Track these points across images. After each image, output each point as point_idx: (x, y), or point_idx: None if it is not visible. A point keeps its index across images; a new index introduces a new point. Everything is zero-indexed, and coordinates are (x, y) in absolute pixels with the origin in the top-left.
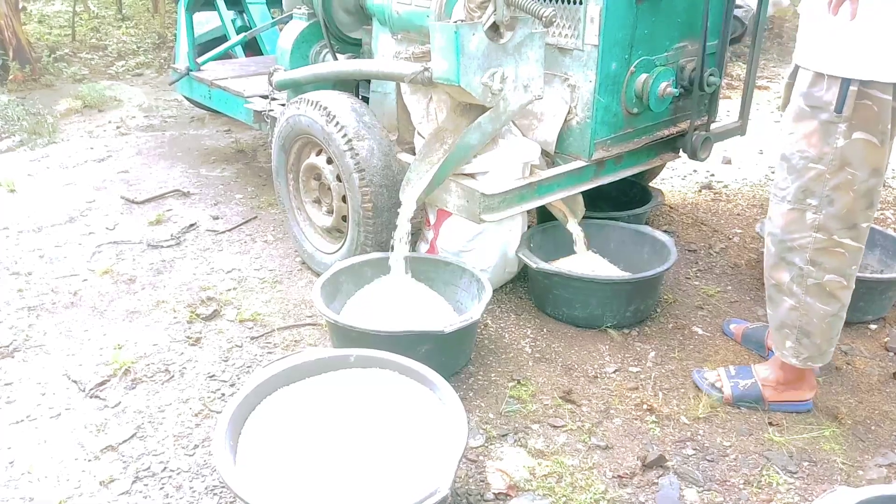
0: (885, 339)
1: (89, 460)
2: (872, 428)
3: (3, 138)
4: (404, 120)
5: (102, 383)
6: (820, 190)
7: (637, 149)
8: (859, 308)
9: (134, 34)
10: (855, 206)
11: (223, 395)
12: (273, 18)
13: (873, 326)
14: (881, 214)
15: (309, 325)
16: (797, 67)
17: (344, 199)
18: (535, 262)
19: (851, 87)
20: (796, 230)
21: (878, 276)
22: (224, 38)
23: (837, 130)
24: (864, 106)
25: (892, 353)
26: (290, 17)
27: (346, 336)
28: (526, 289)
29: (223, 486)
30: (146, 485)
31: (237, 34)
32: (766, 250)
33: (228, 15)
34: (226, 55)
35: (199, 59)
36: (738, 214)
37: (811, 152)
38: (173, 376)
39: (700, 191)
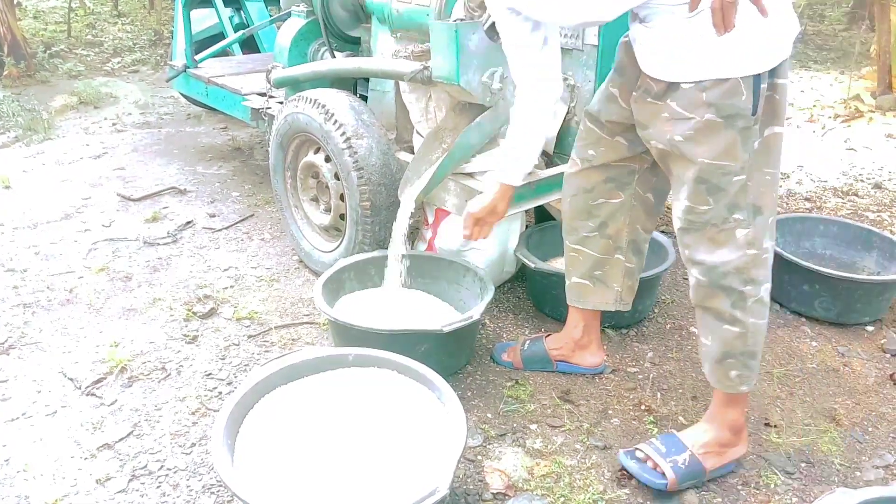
0: (882, 341)
1: (85, 458)
2: (869, 429)
3: None
4: (403, 118)
5: (98, 381)
6: (744, 201)
7: None
8: (856, 310)
9: (130, 30)
10: (774, 205)
11: (220, 393)
12: (271, 16)
13: (870, 328)
14: (878, 217)
15: (306, 323)
16: (673, 84)
17: (342, 197)
18: (534, 262)
19: (763, 85)
20: (729, 252)
21: (875, 278)
22: (221, 36)
23: (753, 133)
24: (771, 99)
25: (888, 355)
26: (289, 14)
27: (346, 334)
28: (524, 288)
29: (221, 485)
30: (143, 483)
31: (234, 31)
32: (695, 282)
33: (226, 12)
34: (223, 52)
35: (197, 57)
36: None
37: (733, 165)
38: (170, 374)
39: None
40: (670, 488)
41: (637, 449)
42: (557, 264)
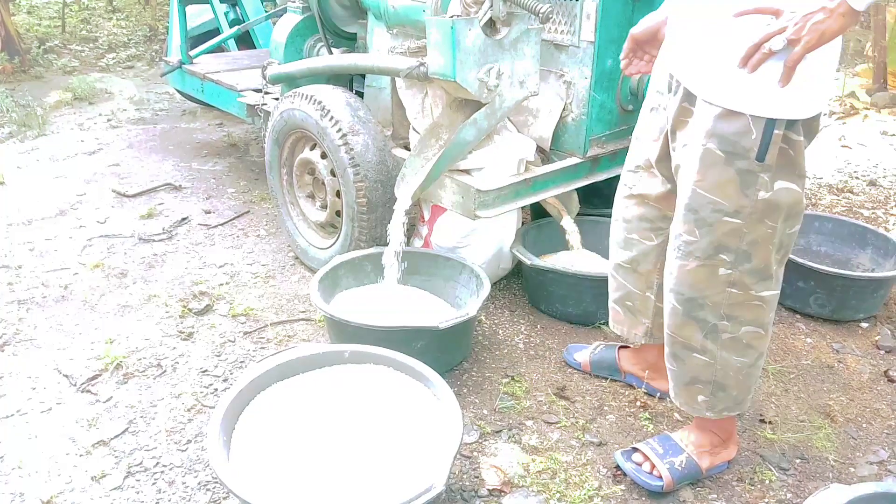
0: (877, 338)
1: (81, 455)
2: (864, 426)
3: None
4: (399, 115)
5: (94, 378)
6: (735, 245)
7: None
8: (851, 307)
9: (125, 26)
10: (773, 259)
11: (216, 390)
12: (266, 12)
13: (865, 325)
14: (872, 213)
15: (302, 320)
16: (685, 90)
17: (338, 194)
18: (530, 259)
19: (776, 131)
20: (707, 287)
21: (870, 274)
22: (217, 32)
23: (758, 181)
24: (785, 153)
25: (883, 352)
26: (285, 10)
27: (342, 331)
28: (520, 285)
29: (216, 482)
30: (138, 480)
31: (230, 27)
32: (672, 308)
33: (221, 8)
34: (218, 48)
35: (192, 52)
36: None
37: (725, 205)
38: (165, 371)
39: None
40: (666, 490)
41: (634, 449)
42: (552, 261)
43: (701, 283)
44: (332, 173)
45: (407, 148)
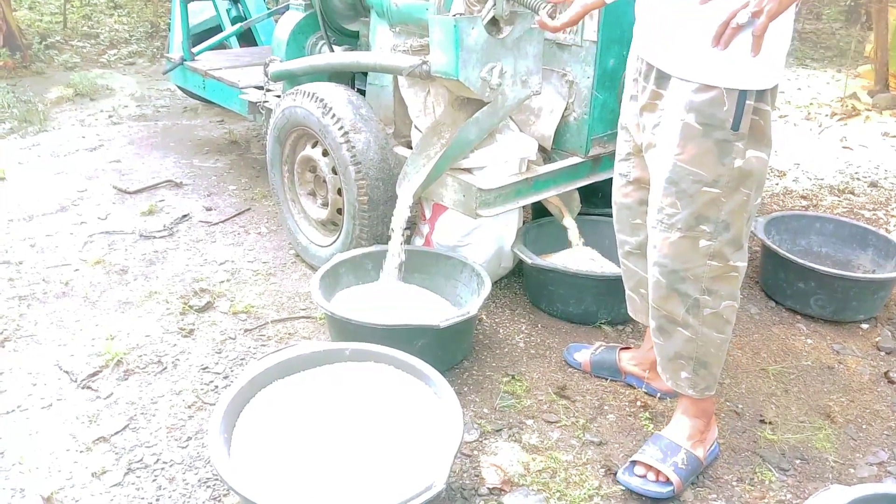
0: (877, 339)
1: (81, 451)
2: (864, 427)
3: None
4: (401, 113)
5: (94, 374)
6: (715, 215)
7: None
8: (851, 307)
9: (126, 22)
10: (744, 229)
11: (216, 387)
12: (268, 9)
13: (865, 326)
14: (873, 215)
15: (303, 317)
16: (660, 72)
17: (339, 191)
18: (531, 258)
19: (748, 102)
20: (689, 260)
21: (871, 276)
22: (219, 29)
23: (734, 150)
24: (756, 123)
25: (883, 353)
26: (287, 7)
27: (343, 329)
28: (521, 284)
29: (217, 479)
30: (139, 476)
31: (232, 24)
32: (655, 281)
33: (223, 5)
34: (220, 45)
35: (194, 49)
36: None
37: (705, 175)
38: (166, 368)
39: None
40: (678, 492)
41: (634, 462)
42: (553, 260)
43: (684, 254)
44: (334, 171)
45: (409, 146)
